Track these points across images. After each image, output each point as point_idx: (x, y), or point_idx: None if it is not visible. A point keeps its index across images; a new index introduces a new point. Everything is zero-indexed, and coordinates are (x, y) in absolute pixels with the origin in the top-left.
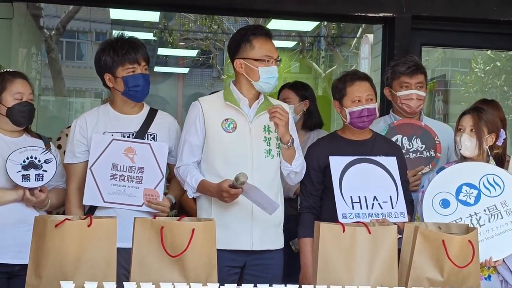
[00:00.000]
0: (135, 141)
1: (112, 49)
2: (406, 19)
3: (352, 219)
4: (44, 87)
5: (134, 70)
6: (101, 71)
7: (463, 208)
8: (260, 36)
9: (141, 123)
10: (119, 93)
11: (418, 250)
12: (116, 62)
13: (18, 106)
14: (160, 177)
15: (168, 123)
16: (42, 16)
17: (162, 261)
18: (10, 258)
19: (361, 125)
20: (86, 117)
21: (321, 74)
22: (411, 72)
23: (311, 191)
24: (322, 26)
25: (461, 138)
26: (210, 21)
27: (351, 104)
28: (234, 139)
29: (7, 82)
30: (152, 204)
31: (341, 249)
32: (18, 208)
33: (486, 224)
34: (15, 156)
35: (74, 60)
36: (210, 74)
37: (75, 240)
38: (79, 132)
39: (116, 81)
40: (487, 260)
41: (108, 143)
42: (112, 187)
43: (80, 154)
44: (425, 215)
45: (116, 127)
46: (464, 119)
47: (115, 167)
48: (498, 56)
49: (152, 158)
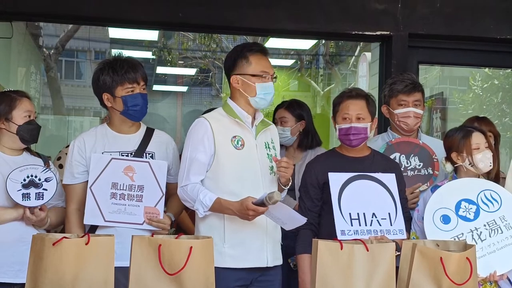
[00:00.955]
0: (134, 159)
1: (111, 68)
2: (403, 37)
3: (351, 235)
4: (43, 106)
5: (133, 89)
6: (99, 90)
7: (463, 223)
8: (256, 53)
9: (139, 142)
10: (118, 113)
11: (416, 268)
12: (116, 82)
13: (27, 125)
14: (160, 195)
15: (166, 141)
16: (41, 35)
17: (160, 279)
18: (9, 277)
19: (347, 143)
20: (84, 138)
21: (320, 92)
22: (409, 91)
23: (310, 207)
24: (320, 45)
25: (488, 155)
26: (209, 40)
27: (341, 121)
28: (244, 156)
29: (16, 101)
30: (153, 222)
31: (339, 266)
32: (17, 227)
33: (487, 239)
34: (16, 174)
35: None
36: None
37: (72, 258)
38: (77, 152)
39: (115, 100)
40: (492, 274)
41: (107, 162)
42: (113, 206)
43: (79, 175)
44: (427, 231)
45: (114, 146)
46: (477, 138)
47: (115, 186)
48: (495, 74)
49: (151, 176)
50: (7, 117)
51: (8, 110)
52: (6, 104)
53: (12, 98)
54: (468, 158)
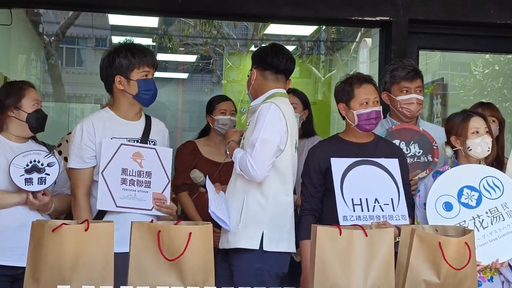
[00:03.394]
0: (142, 146)
1: (129, 51)
2: (403, 22)
3: (353, 221)
4: (44, 93)
5: (147, 74)
6: (112, 72)
7: (465, 210)
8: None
9: (142, 130)
10: (129, 97)
11: (415, 253)
12: (133, 65)
13: (36, 113)
14: (166, 181)
15: (162, 130)
16: (41, 22)
17: (159, 265)
18: (13, 261)
19: (368, 127)
20: (93, 122)
21: (321, 78)
22: (411, 77)
23: (312, 193)
24: (321, 31)
25: (486, 140)
26: (210, 27)
27: (359, 106)
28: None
29: (25, 90)
30: (162, 208)
31: (337, 252)
32: (21, 211)
33: (489, 226)
34: (19, 160)
35: (74, 66)
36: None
37: (72, 244)
38: (87, 137)
39: (129, 83)
40: (494, 262)
41: (117, 148)
42: (123, 192)
43: (89, 160)
44: (429, 218)
45: (122, 133)
46: (476, 122)
47: (125, 172)
48: (496, 60)
49: (158, 163)
50: (17, 106)
51: (18, 99)
52: (16, 93)
53: (20, 88)
54: (466, 142)
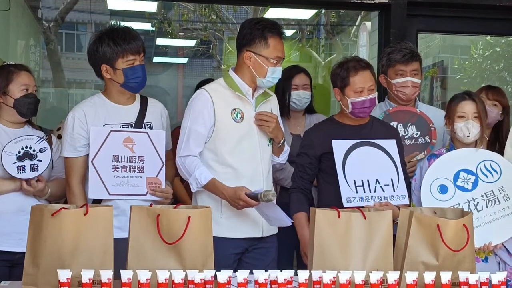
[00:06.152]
0: (133, 130)
1: (111, 40)
2: (402, 5)
3: (356, 203)
4: (43, 79)
5: (133, 62)
6: (97, 62)
7: (460, 193)
8: (276, 36)
9: (137, 113)
10: (117, 85)
11: (413, 235)
12: (117, 54)
13: (24, 98)
14: (160, 165)
15: (160, 110)
16: (40, 7)
17: (159, 249)
18: (11, 245)
19: (362, 115)
20: (84, 109)
21: (321, 62)
22: (407, 60)
23: (302, 175)
24: (321, 15)
25: (468, 125)
26: (209, 11)
27: (354, 94)
28: (244, 129)
29: (14, 74)
30: (157, 192)
31: (336, 235)
32: (17, 197)
33: (484, 209)
34: (10, 147)
35: (74, 52)
36: (210, 64)
37: (71, 228)
38: (78, 125)
39: (115, 72)
40: (486, 245)
41: (107, 135)
42: (116, 179)
43: (82, 148)
44: (423, 201)
45: (115, 118)
46: (465, 106)
47: (116, 159)
48: (497, 42)
49: (151, 147)
50: (4, 91)
51: (5, 84)
52: (3, 78)
53: (9, 72)
54: (454, 125)
